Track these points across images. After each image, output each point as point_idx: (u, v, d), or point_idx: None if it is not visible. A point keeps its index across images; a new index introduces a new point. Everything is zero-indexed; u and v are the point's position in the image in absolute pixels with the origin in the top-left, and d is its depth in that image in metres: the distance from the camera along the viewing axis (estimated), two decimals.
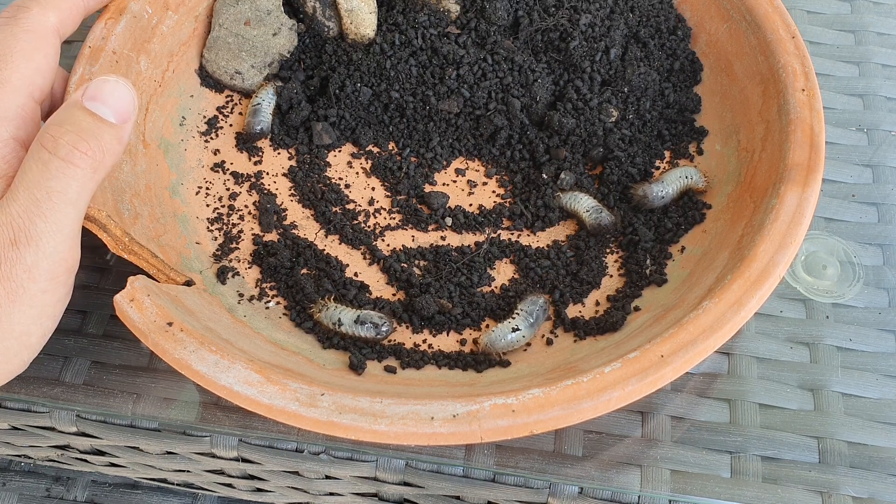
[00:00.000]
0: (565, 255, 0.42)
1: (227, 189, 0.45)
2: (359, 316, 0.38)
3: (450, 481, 0.38)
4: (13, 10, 0.37)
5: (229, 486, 0.46)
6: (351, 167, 0.46)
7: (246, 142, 0.47)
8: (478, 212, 0.44)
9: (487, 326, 0.40)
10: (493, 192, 0.45)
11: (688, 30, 0.48)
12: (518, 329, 0.38)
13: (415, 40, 0.46)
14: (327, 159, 0.47)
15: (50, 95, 0.39)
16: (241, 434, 0.39)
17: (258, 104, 0.46)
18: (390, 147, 0.47)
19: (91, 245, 0.44)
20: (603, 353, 0.35)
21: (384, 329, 0.38)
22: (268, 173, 0.46)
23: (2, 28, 0.37)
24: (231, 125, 0.47)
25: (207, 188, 0.45)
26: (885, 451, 0.38)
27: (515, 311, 0.39)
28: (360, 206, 0.45)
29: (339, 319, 0.38)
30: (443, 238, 0.44)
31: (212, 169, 0.46)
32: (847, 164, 0.48)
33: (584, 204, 0.43)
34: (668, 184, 0.42)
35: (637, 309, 0.39)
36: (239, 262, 0.42)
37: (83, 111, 0.33)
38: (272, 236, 0.43)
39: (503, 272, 0.42)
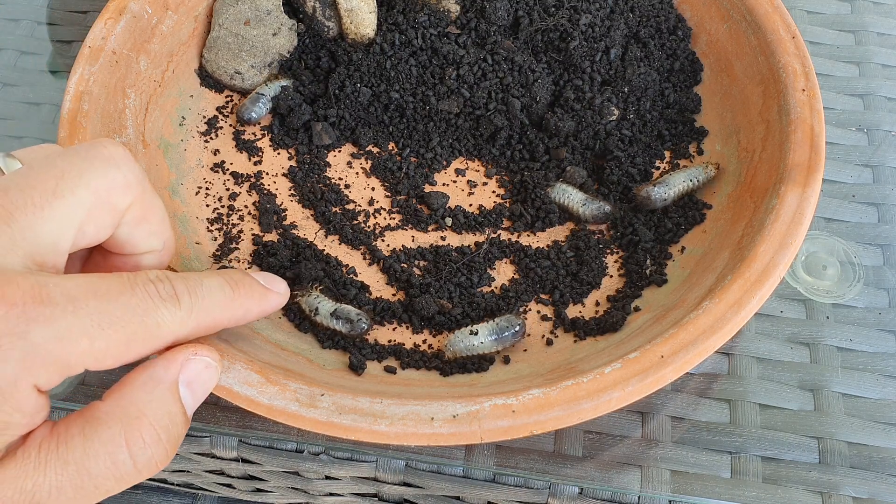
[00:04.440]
0: (565, 256, 0.42)
1: (227, 189, 0.45)
2: (336, 309, 0.38)
3: (450, 482, 0.38)
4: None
5: (229, 486, 0.46)
6: (351, 167, 0.46)
7: (238, 123, 0.47)
8: (478, 212, 0.44)
9: None
10: (493, 192, 0.45)
11: (688, 30, 0.48)
12: (476, 334, 0.37)
13: (415, 40, 0.46)
14: (327, 159, 0.47)
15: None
16: (241, 434, 0.39)
17: (262, 93, 0.46)
18: (390, 147, 0.47)
19: None
20: (603, 354, 0.35)
21: (360, 326, 0.38)
22: (268, 173, 0.46)
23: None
24: (231, 125, 0.47)
25: (207, 188, 0.45)
26: (885, 452, 0.38)
27: (490, 320, 0.38)
28: (359, 206, 0.45)
29: (316, 308, 0.38)
30: (443, 238, 0.44)
31: (211, 169, 0.46)
32: (847, 164, 0.48)
33: (575, 197, 0.43)
34: (671, 186, 0.42)
35: (637, 309, 0.39)
36: (239, 262, 0.42)
37: (177, 403, 0.26)
38: (272, 236, 0.43)
39: (503, 272, 0.42)
